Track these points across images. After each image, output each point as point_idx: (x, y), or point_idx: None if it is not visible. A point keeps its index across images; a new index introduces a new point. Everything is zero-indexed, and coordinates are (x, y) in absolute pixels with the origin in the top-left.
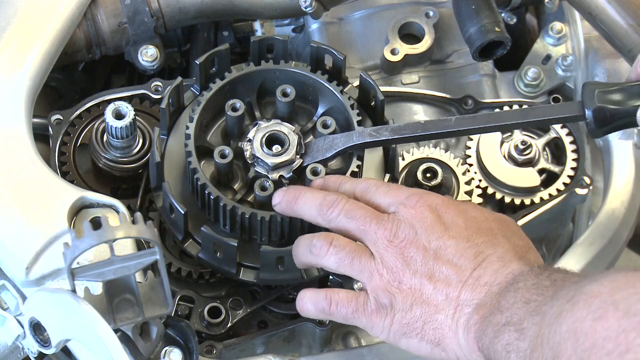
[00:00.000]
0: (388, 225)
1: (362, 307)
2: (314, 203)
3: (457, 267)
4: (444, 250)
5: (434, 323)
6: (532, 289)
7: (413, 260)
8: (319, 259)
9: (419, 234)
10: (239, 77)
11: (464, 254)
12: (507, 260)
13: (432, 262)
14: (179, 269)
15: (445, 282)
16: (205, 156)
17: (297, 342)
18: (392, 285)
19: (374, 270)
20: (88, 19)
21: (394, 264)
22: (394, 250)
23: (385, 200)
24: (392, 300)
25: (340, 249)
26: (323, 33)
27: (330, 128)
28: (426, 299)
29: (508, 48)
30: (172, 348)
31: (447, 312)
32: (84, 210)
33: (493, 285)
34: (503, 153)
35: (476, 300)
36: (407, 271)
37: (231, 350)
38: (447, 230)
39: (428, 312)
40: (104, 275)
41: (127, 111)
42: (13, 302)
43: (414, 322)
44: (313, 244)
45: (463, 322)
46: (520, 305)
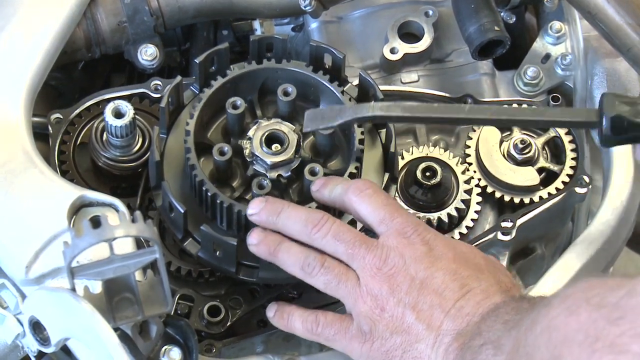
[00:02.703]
0: (377, 252)
1: (343, 331)
2: (299, 217)
3: (442, 297)
4: (430, 280)
5: (414, 352)
6: (511, 312)
7: (398, 289)
8: (308, 278)
9: (408, 263)
10: (241, 75)
11: (449, 285)
12: (491, 293)
13: (417, 292)
14: (179, 267)
15: (428, 312)
16: (205, 153)
17: (296, 341)
18: (374, 312)
19: (359, 297)
20: (88, 18)
21: (378, 292)
22: (380, 278)
23: (375, 216)
24: (373, 328)
25: (329, 270)
26: (322, 32)
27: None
28: (407, 328)
29: (507, 47)
30: (172, 347)
31: (427, 342)
32: (83, 209)
33: (475, 316)
34: (502, 152)
35: (457, 329)
36: (391, 299)
37: (231, 349)
38: (436, 261)
39: (408, 340)
40: (104, 274)
41: (127, 110)
42: (13, 301)
43: (393, 350)
44: (307, 262)
45: (442, 351)
46: (499, 326)
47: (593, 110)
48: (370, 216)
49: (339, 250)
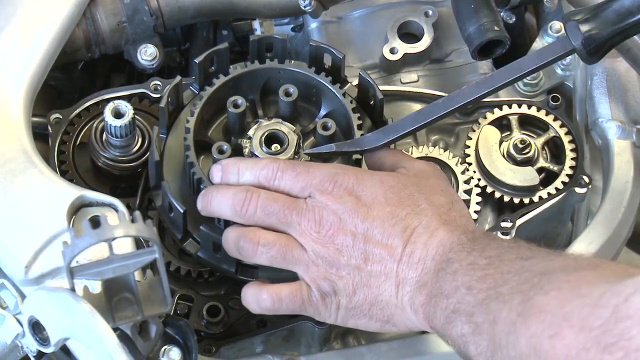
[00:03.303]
0: (310, 215)
1: (307, 300)
2: (226, 203)
3: (389, 246)
4: (371, 231)
5: (380, 304)
6: (470, 271)
7: (344, 247)
8: (250, 259)
9: (344, 219)
10: (243, 74)
11: (392, 232)
12: (433, 228)
13: (363, 245)
14: (178, 267)
15: (381, 263)
16: (205, 151)
17: (296, 341)
18: (330, 273)
19: (309, 262)
20: (87, 18)
21: (326, 253)
22: (323, 241)
23: (297, 186)
24: (335, 287)
25: (269, 247)
26: (322, 32)
27: (330, 130)
28: (366, 282)
29: (507, 47)
30: (171, 347)
31: (390, 292)
32: (83, 209)
33: (427, 261)
34: (502, 152)
35: (414, 277)
36: (341, 258)
37: (230, 349)
38: (370, 209)
39: (371, 294)
40: (103, 274)
41: (127, 110)
42: (12, 301)
43: (360, 306)
44: (240, 247)
45: (408, 300)
46: (463, 291)
47: (563, 40)
48: (292, 191)
49: (272, 223)
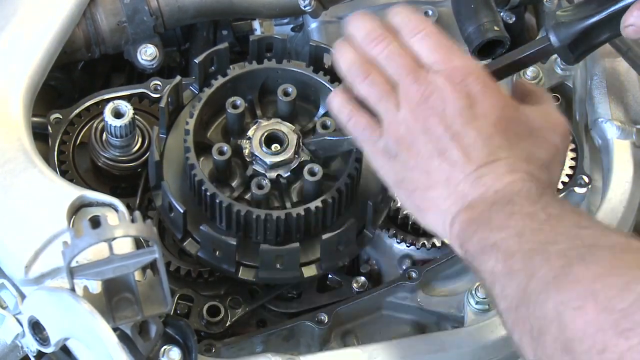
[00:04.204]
0: (422, 87)
1: (372, 140)
2: (364, 27)
3: (468, 157)
4: (462, 136)
5: (424, 195)
6: (526, 219)
7: (432, 131)
8: (353, 82)
9: (447, 111)
10: (241, 74)
11: (477, 149)
12: (515, 169)
13: (447, 141)
14: (178, 267)
15: (451, 165)
16: (205, 153)
17: (296, 341)
18: (404, 140)
19: (394, 120)
20: (87, 18)
21: (413, 125)
22: (418, 114)
23: (431, 57)
24: (399, 153)
25: (374, 83)
26: (322, 32)
27: (330, 129)
28: (427, 170)
29: (507, 47)
30: (171, 347)
31: (440, 194)
32: (83, 209)
33: (490, 189)
34: None
35: (470, 197)
36: (422, 137)
37: (230, 348)
38: (475, 120)
39: (423, 183)
40: (103, 274)
41: (127, 110)
42: (12, 301)
43: (408, 182)
44: (351, 68)
45: (450, 212)
46: (512, 233)
47: (543, 38)
48: (423, 57)
49: (388, 70)
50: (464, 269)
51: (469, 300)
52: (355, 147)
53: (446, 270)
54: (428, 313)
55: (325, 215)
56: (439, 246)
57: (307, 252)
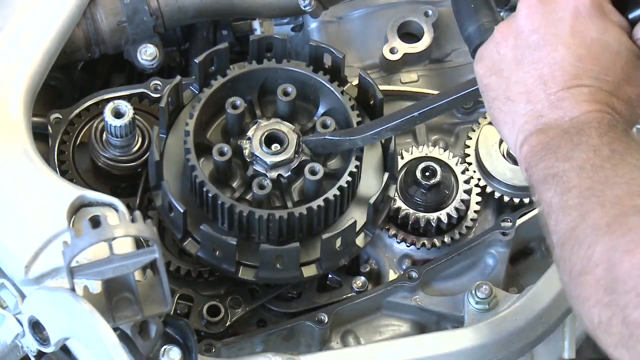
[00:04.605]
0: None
1: None
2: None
3: (552, 76)
4: (553, 52)
5: (502, 107)
6: (590, 152)
7: (527, 35)
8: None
9: (550, 19)
10: (240, 75)
11: (565, 68)
12: (595, 99)
13: (539, 51)
14: (178, 267)
15: (534, 80)
16: (205, 153)
17: (296, 340)
18: (494, 42)
19: (506, 21)
20: (87, 18)
21: (514, 25)
22: (530, 14)
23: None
24: (487, 56)
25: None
26: (322, 32)
27: (330, 128)
28: (509, 79)
29: None
30: (171, 346)
31: (517, 109)
32: (83, 208)
33: (566, 115)
34: (502, 152)
35: (545, 119)
36: (512, 39)
37: (230, 348)
38: (572, 38)
39: (503, 91)
40: (103, 274)
41: (127, 110)
42: (12, 301)
43: (489, 89)
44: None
45: (523, 131)
46: (574, 165)
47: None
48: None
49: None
50: (464, 269)
51: (469, 300)
52: (355, 146)
53: (446, 270)
54: (428, 313)
55: (327, 214)
56: (439, 246)
57: (307, 252)
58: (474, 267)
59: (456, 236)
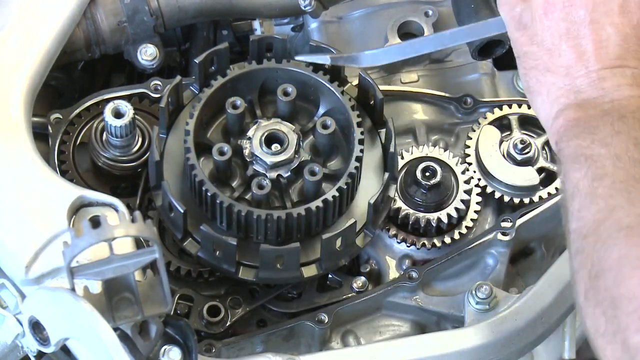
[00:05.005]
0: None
1: (511, 5)
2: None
3: (597, 53)
4: (600, 30)
5: (540, 77)
6: (629, 143)
7: (572, 9)
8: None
9: (599, 2)
10: (240, 75)
11: (609, 47)
12: (637, 83)
13: (584, 25)
14: (178, 267)
15: (578, 55)
16: (205, 153)
17: (296, 340)
18: (539, 10)
19: None
20: (87, 18)
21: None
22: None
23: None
24: (530, 24)
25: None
26: (322, 32)
27: (330, 128)
28: (551, 50)
29: (507, 47)
30: (171, 347)
31: (556, 81)
32: (83, 209)
33: (607, 96)
34: (502, 152)
35: (584, 95)
36: (560, 12)
37: (230, 348)
38: (619, 17)
39: (544, 62)
40: (103, 274)
41: (127, 110)
42: (12, 301)
43: (529, 57)
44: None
45: (559, 103)
46: (611, 152)
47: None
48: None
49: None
50: (464, 269)
51: (469, 300)
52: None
53: (446, 270)
54: (428, 313)
55: (326, 215)
56: (439, 246)
57: (307, 252)
58: (474, 267)
59: (456, 236)
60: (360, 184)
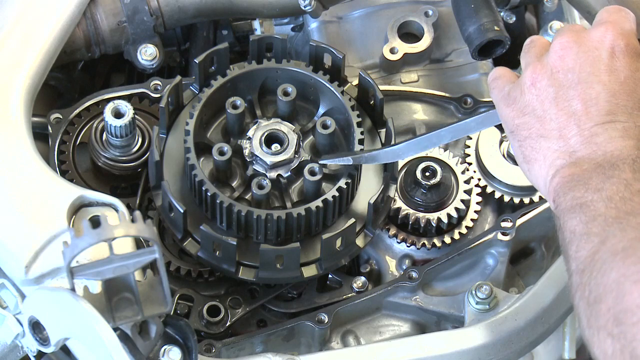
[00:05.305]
0: (574, 35)
1: (499, 87)
2: None
3: (586, 112)
4: (588, 89)
5: (535, 144)
6: (620, 185)
7: (556, 76)
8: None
9: (585, 59)
10: (240, 75)
11: (599, 104)
12: (629, 135)
13: (573, 90)
14: (178, 267)
15: (568, 116)
16: (205, 153)
17: (296, 340)
18: (526, 83)
19: (532, 65)
20: (87, 18)
21: (544, 67)
22: (555, 55)
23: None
24: (519, 97)
25: (533, 46)
26: (322, 32)
27: (330, 128)
28: (542, 118)
29: (507, 47)
30: (171, 347)
31: (550, 145)
32: (83, 209)
33: (599, 150)
34: (502, 152)
35: (578, 154)
36: (545, 80)
37: (230, 348)
38: (607, 75)
39: (537, 130)
40: (103, 274)
41: (127, 110)
42: (12, 301)
43: (521, 128)
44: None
45: (555, 166)
46: (603, 196)
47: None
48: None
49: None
50: (464, 269)
51: (469, 300)
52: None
53: (446, 270)
54: (428, 313)
55: (326, 215)
56: (439, 246)
57: (307, 252)
58: (474, 267)
59: (456, 236)
60: (360, 184)
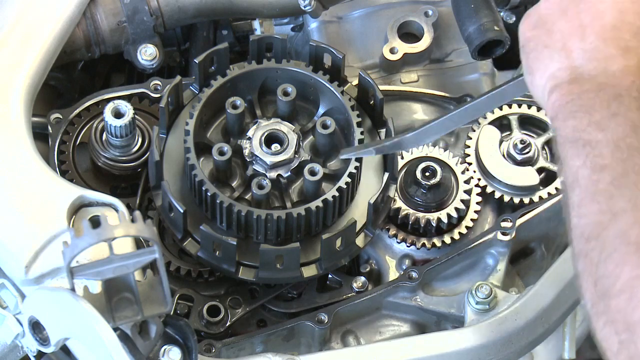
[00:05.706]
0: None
1: (527, 12)
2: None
3: (592, 25)
4: (598, 4)
5: (539, 54)
6: (627, 127)
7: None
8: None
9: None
10: (240, 74)
11: (605, 19)
12: (631, 55)
13: (585, 3)
14: (178, 267)
15: (574, 28)
16: (205, 153)
17: (296, 340)
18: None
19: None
20: (87, 18)
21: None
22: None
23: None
24: (533, 12)
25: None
26: (322, 32)
27: (330, 128)
28: (550, 30)
29: (507, 47)
30: (171, 347)
31: (553, 55)
32: (83, 209)
33: (600, 66)
34: (502, 152)
35: (581, 69)
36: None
37: (230, 348)
38: None
39: (543, 41)
40: (103, 274)
41: (127, 110)
42: (12, 301)
43: (530, 40)
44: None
45: (555, 77)
46: (609, 138)
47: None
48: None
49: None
50: (464, 269)
51: (469, 300)
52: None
53: (446, 270)
54: (428, 313)
55: (326, 215)
56: (439, 246)
57: (307, 252)
58: (474, 267)
59: (456, 236)
60: (360, 184)
